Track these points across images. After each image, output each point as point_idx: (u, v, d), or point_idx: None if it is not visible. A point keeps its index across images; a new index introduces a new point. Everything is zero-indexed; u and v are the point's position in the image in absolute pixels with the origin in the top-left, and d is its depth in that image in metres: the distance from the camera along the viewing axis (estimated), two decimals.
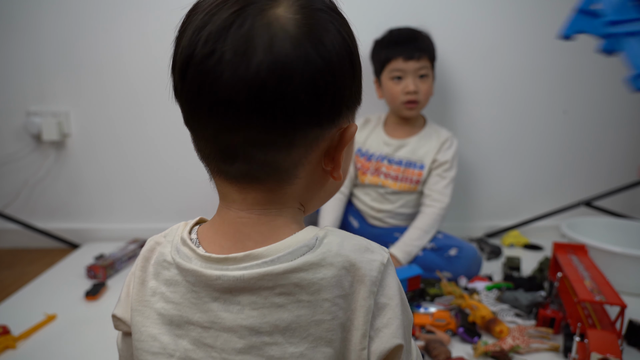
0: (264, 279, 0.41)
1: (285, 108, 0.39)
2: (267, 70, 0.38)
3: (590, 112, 1.75)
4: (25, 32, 1.56)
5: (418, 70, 1.41)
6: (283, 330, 0.41)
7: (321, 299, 0.41)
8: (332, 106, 0.42)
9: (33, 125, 1.60)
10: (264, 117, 0.39)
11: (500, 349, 0.95)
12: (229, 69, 0.38)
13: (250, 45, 0.38)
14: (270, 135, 0.41)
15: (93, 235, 1.71)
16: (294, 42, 0.39)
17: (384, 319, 0.43)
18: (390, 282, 0.44)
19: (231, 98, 0.39)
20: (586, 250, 1.25)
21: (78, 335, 1.05)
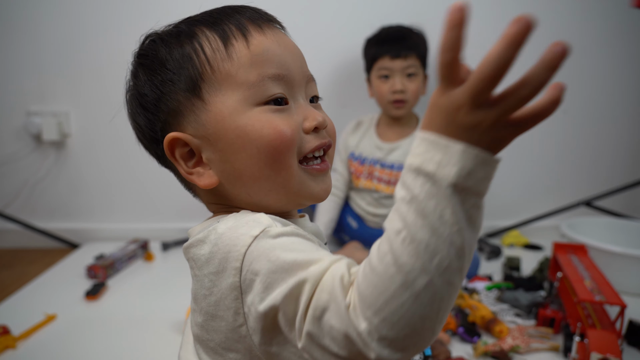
0: (184, 252, 0.48)
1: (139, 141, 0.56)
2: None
3: (590, 112, 1.75)
4: (25, 33, 1.56)
5: (405, 69, 1.40)
6: (194, 299, 0.47)
7: (202, 274, 0.44)
8: (145, 140, 0.54)
9: (33, 125, 1.60)
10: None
11: (500, 349, 0.95)
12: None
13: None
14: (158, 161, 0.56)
15: (93, 235, 1.71)
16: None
17: (251, 296, 0.40)
18: (257, 257, 0.40)
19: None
20: (586, 250, 1.25)
21: (78, 335, 1.05)
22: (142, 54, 0.51)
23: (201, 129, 0.47)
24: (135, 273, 1.42)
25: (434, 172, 0.34)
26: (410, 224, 0.33)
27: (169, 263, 1.52)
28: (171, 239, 1.66)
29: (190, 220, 1.72)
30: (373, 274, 0.34)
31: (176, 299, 1.19)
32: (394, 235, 0.34)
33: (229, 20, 0.48)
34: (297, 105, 0.49)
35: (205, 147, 0.48)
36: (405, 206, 0.34)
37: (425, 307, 0.33)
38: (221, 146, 0.47)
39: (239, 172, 0.47)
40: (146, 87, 0.49)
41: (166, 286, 1.32)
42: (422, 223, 0.33)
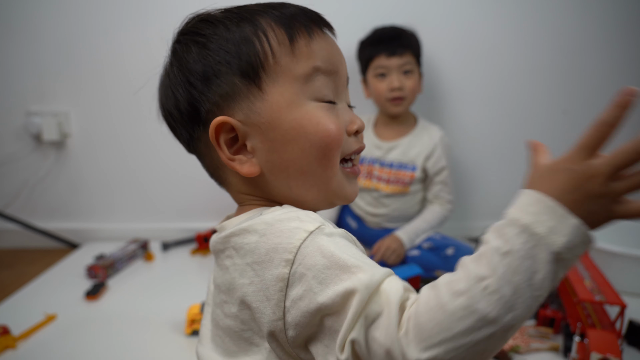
0: (218, 242, 0.48)
1: (171, 129, 0.57)
2: (160, 105, 0.56)
3: (590, 112, 1.74)
4: (25, 33, 1.56)
5: (402, 67, 1.40)
6: (226, 290, 0.46)
7: (244, 262, 0.44)
8: (182, 115, 0.52)
9: (33, 125, 1.60)
10: (175, 135, 0.56)
11: (500, 349, 0.95)
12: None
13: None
14: (190, 150, 0.56)
15: (93, 235, 1.71)
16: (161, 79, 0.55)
17: (299, 290, 0.39)
18: (312, 252, 0.40)
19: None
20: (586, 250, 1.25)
21: (78, 335, 1.05)
22: (194, 31, 0.50)
23: (254, 116, 0.47)
24: (135, 273, 1.42)
25: (542, 236, 0.35)
26: (499, 275, 0.34)
27: (169, 263, 1.52)
28: (171, 239, 1.66)
29: (190, 220, 1.72)
30: (440, 310, 0.34)
31: (176, 299, 1.19)
32: (476, 281, 0.35)
33: (296, 18, 0.49)
34: (342, 107, 0.51)
35: (253, 135, 0.48)
36: (497, 257, 0.35)
37: (477, 354, 0.34)
38: (272, 136, 0.47)
39: (286, 164, 0.48)
40: (198, 65, 0.48)
41: (166, 286, 1.32)
42: (510, 279, 0.34)
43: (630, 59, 1.71)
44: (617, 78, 1.72)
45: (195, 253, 1.58)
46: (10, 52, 1.57)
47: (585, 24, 1.66)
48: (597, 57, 1.70)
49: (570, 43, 1.68)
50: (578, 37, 1.68)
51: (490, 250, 0.36)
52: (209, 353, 0.50)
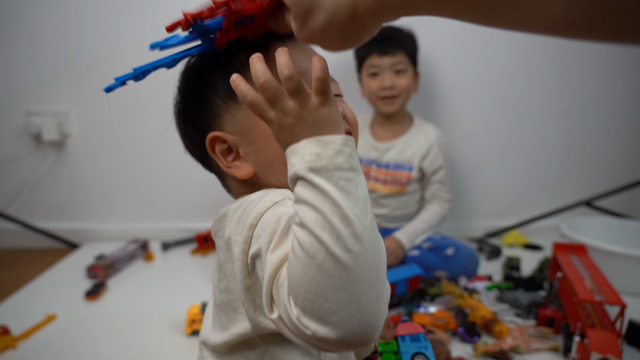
0: (215, 223, 0.54)
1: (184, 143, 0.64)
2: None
3: (590, 112, 1.75)
4: (25, 33, 1.56)
5: (394, 66, 1.40)
6: (219, 267, 0.53)
7: (227, 236, 0.50)
8: (190, 145, 0.63)
9: (33, 125, 1.60)
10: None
11: (500, 349, 0.95)
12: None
13: None
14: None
15: (93, 235, 1.71)
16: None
17: (254, 248, 0.44)
18: (270, 217, 0.43)
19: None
20: (586, 250, 1.25)
21: (78, 335, 1.05)
22: (186, 71, 0.61)
23: (237, 125, 0.54)
24: (135, 273, 1.42)
25: (292, 176, 0.40)
26: (299, 213, 0.38)
27: (169, 263, 1.52)
28: (171, 239, 1.66)
29: (190, 220, 1.72)
30: (290, 265, 0.38)
31: (176, 299, 1.19)
32: (294, 229, 0.39)
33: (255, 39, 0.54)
34: None
35: (242, 142, 0.54)
36: (294, 205, 0.40)
37: (334, 277, 0.35)
38: (254, 137, 0.53)
39: (270, 160, 0.53)
40: (190, 98, 0.59)
41: (166, 286, 1.32)
42: (305, 208, 0.38)
43: (630, 59, 1.71)
44: (617, 78, 1.73)
45: (195, 253, 1.58)
46: (10, 52, 1.57)
47: None
48: (597, 57, 1.70)
49: (570, 43, 1.68)
50: None
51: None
52: (209, 333, 0.56)
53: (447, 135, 1.61)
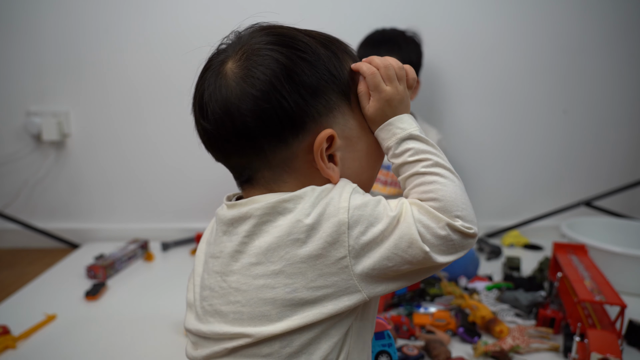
0: (253, 208, 0.51)
1: (244, 137, 0.52)
2: (223, 114, 0.51)
3: (590, 112, 1.75)
4: (25, 32, 1.56)
5: None
6: (265, 251, 0.50)
7: (296, 220, 0.49)
8: (282, 123, 0.51)
9: (33, 125, 1.60)
10: (235, 147, 0.53)
11: (500, 349, 0.95)
12: (204, 123, 0.54)
13: (210, 101, 0.52)
14: (247, 158, 0.54)
15: (93, 235, 1.71)
16: (232, 85, 0.51)
17: (360, 228, 0.49)
18: (359, 202, 0.51)
19: (213, 140, 0.54)
20: (586, 250, 1.25)
21: (78, 335, 1.05)
22: (291, 45, 0.53)
23: (347, 131, 0.55)
24: (135, 273, 1.42)
25: (405, 135, 0.56)
26: (428, 157, 0.54)
27: (169, 263, 1.52)
28: (171, 239, 1.66)
29: (190, 220, 1.72)
30: (440, 193, 0.52)
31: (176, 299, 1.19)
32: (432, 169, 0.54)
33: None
34: None
35: (345, 148, 0.55)
36: (415, 156, 0.55)
37: (464, 190, 0.55)
38: (359, 147, 0.56)
39: (361, 170, 0.57)
40: (310, 79, 0.52)
41: (166, 286, 1.32)
42: (429, 155, 0.55)
43: (630, 59, 1.71)
44: (617, 78, 1.73)
45: (195, 253, 1.58)
46: (10, 52, 1.57)
47: (585, 24, 1.67)
48: (597, 57, 1.70)
49: (570, 43, 1.68)
50: (578, 37, 1.68)
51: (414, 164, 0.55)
52: (219, 326, 0.52)
53: (447, 135, 1.61)
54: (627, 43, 1.69)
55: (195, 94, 0.55)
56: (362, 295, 0.49)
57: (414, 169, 0.54)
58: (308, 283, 0.49)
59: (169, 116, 1.63)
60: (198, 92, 0.54)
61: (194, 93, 0.55)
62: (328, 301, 0.49)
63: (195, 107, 0.55)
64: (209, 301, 0.54)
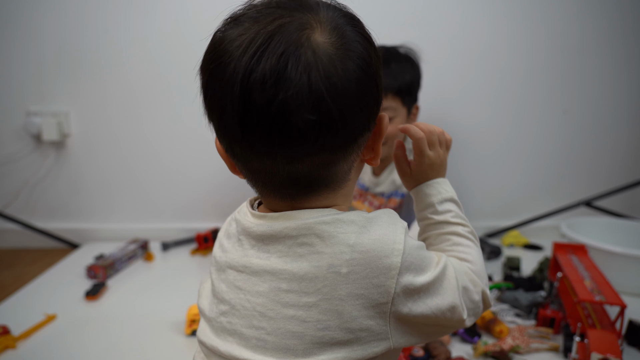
0: (288, 227, 0.46)
1: (347, 126, 0.44)
2: (330, 99, 0.41)
3: (590, 112, 1.75)
4: (25, 32, 1.56)
5: (383, 110, 1.25)
6: (300, 279, 0.45)
7: (339, 251, 0.44)
8: (377, 107, 0.48)
9: (33, 125, 1.60)
10: (332, 140, 0.43)
11: (500, 349, 0.95)
12: (296, 110, 0.40)
13: (309, 81, 0.40)
14: (336, 155, 0.45)
15: (93, 235, 1.71)
16: (340, 65, 0.42)
17: (409, 276, 0.46)
18: (412, 246, 0.48)
19: (302, 133, 0.41)
20: (586, 250, 1.25)
21: (78, 335, 1.05)
22: (365, 31, 0.48)
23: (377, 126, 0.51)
24: (135, 273, 1.42)
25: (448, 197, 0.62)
26: (464, 223, 0.61)
27: (169, 263, 1.52)
28: (171, 239, 1.66)
29: (190, 220, 1.72)
30: (475, 261, 0.57)
31: (176, 299, 1.19)
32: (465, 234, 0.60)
33: None
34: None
35: (373, 139, 0.51)
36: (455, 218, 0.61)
37: (483, 260, 0.59)
38: (380, 142, 0.52)
39: (377, 161, 0.53)
40: (378, 77, 0.48)
41: (166, 286, 1.32)
42: (463, 221, 0.61)
43: (630, 59, 1.71)
44: (617, 78, 1.72)
45: (195, 253, 1.58)
46: (10, 52, 1.57)
47: (585, 24, 1.66)
48: (597, 57, 1.70)
49: (570, 43, 1.68)
50: (578, 37, 1.68)
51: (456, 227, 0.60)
52: (239, 350, 0.47)
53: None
54: (627, 43, 1.69)
55: (258, 73, 0.40)
56: (389, 343, 0.46)
57: (454, 228, 0.59)
58: (343, 323, 0.44)
59: (169, 116, 1.63)
60: (271, 69, 0.40)
61: (250, 73, 0.40)
62: (358, 345, 0.45)
63: (261, 89, 0.40)
64: (229, 318, 0.49)
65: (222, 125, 0.45)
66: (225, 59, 0.42)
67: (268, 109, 0.40)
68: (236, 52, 0.41)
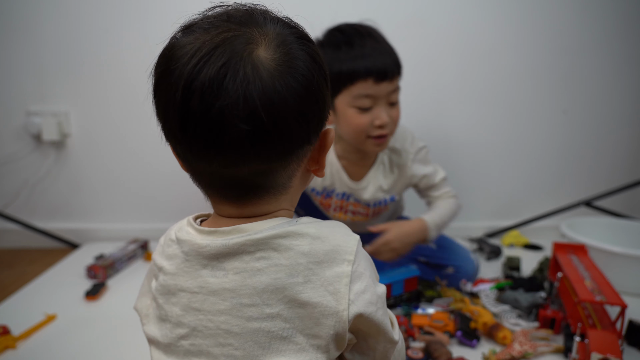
0: (245, 244, 0.46)
1: (283, 139, 0.45)
2: (264, 112, 0.43)
3: (590, 112, 1.75)
4: (25, 33, 1.56)
5: (390, 95, 1.07)
6: (261, 292, 0.46)
7: (296, 262, 0.46)
8: (319, 124, 0.49)
9: (33, 125, 1.60)
10: (267, 151, 0.45)
11: (511, 357, 0.94)
12: (231, 119, 0.42)
13: (245, 93, 0.42)
14: (272, 164, 0.47)
15: (93, 235, 1.71)
16: (279, 80, 0.44)
17: (361, 285, 0.47)
18: (364, 256, 0.49)
19: (236, 142, 0.43)
20: (586, 250, 1.25)
21: (78, 335, 1.05)
22: (313, 43, 0.51)
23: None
24: (135, 273, 1.42)
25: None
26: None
27: None
28: None
29: None
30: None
31: None
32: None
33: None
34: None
35: (318, 148, 0.53)
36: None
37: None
38: (326, 149, 0.54)
39: (322, 172, 0.55)
40: (327, 75, 0.51)
41: None
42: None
43: (630, 59, 1.71)
44: (617, 78, 1.73)
45: None
46: (10, 52, 1.57)
47: (585, 24, 1.67)
48: (597, 57, 1.70)
49: (570, 43, 1.68)
50: (578, 37, 1.68)
51: None
52: None
53: (447, 134, 1.60)
54: (627, 43, 1.69)
55: (198, 82, 0.42)
56: (331, 355, 0.48)
57: None
58: (304, 329, 0.46)
59: None
60: (210, 79, 0.42)
61: (192, 81, 0.42)
62: (321, 353, 0.47)
63: (200, 97, 0.42)
64: (191, 340, 0.49)
65: (166, 126, 0.47)
66: (171, 64, 0.44)
67: (206, 116, 0.42)
68: (182, 60, 0.43)
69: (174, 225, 0.57)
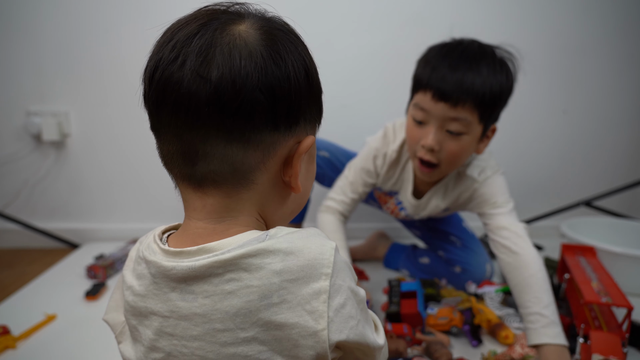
0: (213, 266, 0.43)
1: (243, 105, 0.43)
2: (228, 73, 0.42)
3: (590, 112, 1.75)
4: (25, 33, 1.56)
5: (447, 121, 0.96)
6: (233, 316, 0.43)
7: (269, 282, 0.42)
8: (289, 111, 0.46)
9: (33, 125, 1.60)
10: (223, 113, 0.43)
11: (511, 359, 0.94)
12: (191, 71, 0.43)
13: (211, 51, 0.43)
14: (230, 133, 0.44)
15: (93, 235, 1.70)
16: (252, 51, 0.43)
17: (341, 298, 0.44)
18: (341, 264, 0.45)
19: (192, 98, 0.43)
20: (595, 252, 1.24)
21: (78, 335, 1.05)
22: (306, 49, 0.51)
23: (313, 148, 0.53)
24: None
25: None
26: None
27: None
28: None
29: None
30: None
31: None
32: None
33: None
34: None
35: (305, 162, 0.52)
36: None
37: None
38: (311, 169, 0.54)
39: (300, 195, 0.53)
40: (317, 79, 0.51)
41: None
42: None
43: (630, 59, 1.71)
44: (617, 78, 1.73)
45: None
46: (10, 52, 1.57)
47: (585, 24, 1.67)
48: (597, 57, 1.70)
49: (570, 43, 1.68)
50: (578, 37, 1.68)
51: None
52: None
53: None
54: (627, 43, 1.69)
55: (184, 39, 0.44)
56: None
57: None
58: (282, 351, 0.43)
59: None
60: (198, 38, 0.44)
61: (167, 40, 0.46)
62: None
63: (184, 54, 0.44)
64: None
65: (142, 92, 0.51)
66: (155, 47, 0.48)
67: (169, 66, 0.44)
68: (164, 39, 0.47)
69: (144, 239, 0.52)
